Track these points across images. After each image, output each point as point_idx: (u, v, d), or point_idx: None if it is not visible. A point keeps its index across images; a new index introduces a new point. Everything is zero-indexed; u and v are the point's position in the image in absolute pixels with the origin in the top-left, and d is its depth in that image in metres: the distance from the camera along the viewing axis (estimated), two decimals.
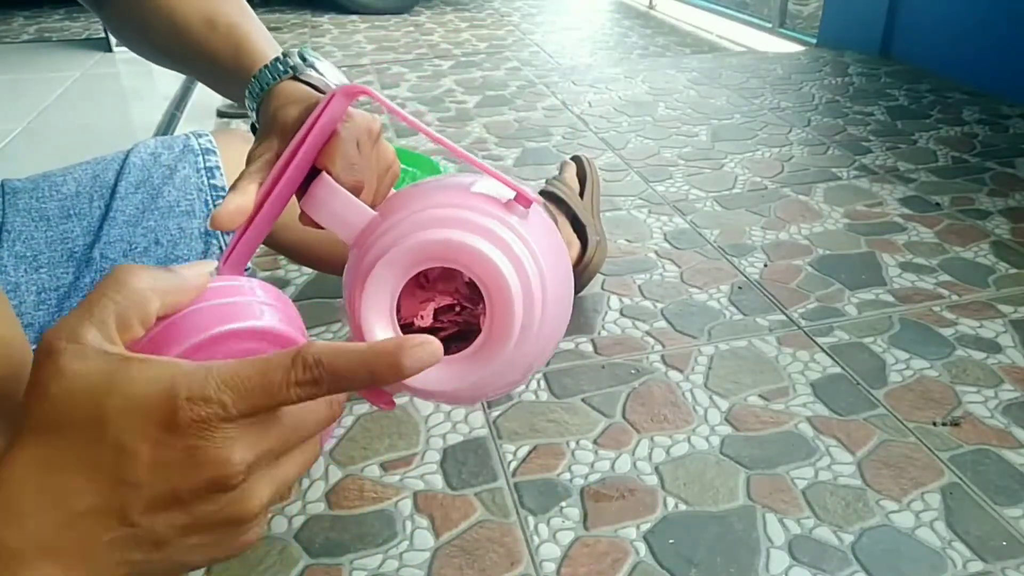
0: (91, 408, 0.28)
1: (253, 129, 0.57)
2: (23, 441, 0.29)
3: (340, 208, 0.42)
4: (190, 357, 0.31)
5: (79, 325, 0.30)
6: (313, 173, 0.43)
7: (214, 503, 0.29)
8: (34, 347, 0.72)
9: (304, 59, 0.53)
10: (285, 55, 0.54)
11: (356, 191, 0.43)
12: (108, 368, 0.28)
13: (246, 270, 0.79)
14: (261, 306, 0.34)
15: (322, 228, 0.43)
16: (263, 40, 0.60)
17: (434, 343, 0.31)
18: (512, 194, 0.42)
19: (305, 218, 0.43)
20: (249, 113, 0.57)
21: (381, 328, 0.40)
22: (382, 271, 0.39)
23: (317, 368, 0.29)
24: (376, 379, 0.30)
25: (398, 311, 0.41)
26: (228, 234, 0.76)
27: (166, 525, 0.29)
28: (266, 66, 0.54)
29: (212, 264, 0.34)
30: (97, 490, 0.28)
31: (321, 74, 0.53)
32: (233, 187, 0.43)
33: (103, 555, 0.29)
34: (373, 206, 0.45)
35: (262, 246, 1.11)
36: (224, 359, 0.29)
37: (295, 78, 0.53)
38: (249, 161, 0.46)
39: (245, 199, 0.42)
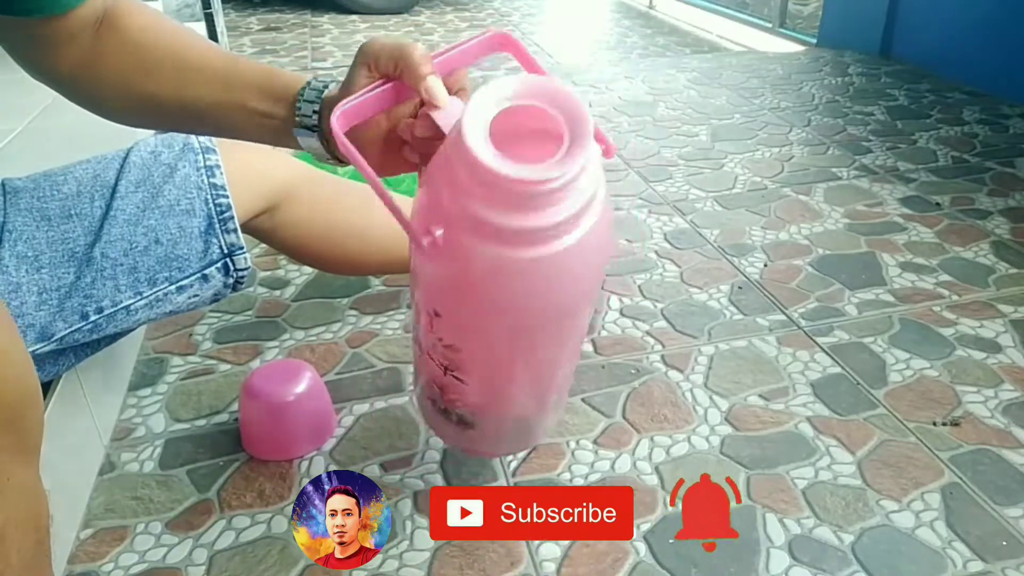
0: None
1: (310, 129, 0.57)
2: None
3: (455, 112, 0.50)
4: None
5: None
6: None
7: None
8: (36, 347, 0.72)
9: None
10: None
11: None
12: None
13: (246, 270, 0.80)
14: None
15: (425, 136, 0.52)
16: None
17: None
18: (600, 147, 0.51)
19: (422, 120, 0.52)
20: (301, 111, 0.57)
21: (478, 140, 0.46)
22: (483, 95, 0.47)
23: None
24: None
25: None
26: (227, 234, 0.76)
27: None
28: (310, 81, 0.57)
29: None
30: None
31: None
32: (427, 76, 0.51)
33: None
34: None
35: (263, 246, 1.11)
36: None
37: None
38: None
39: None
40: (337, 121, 0.50)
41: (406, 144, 0.55)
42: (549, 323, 0.56)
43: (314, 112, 0.56)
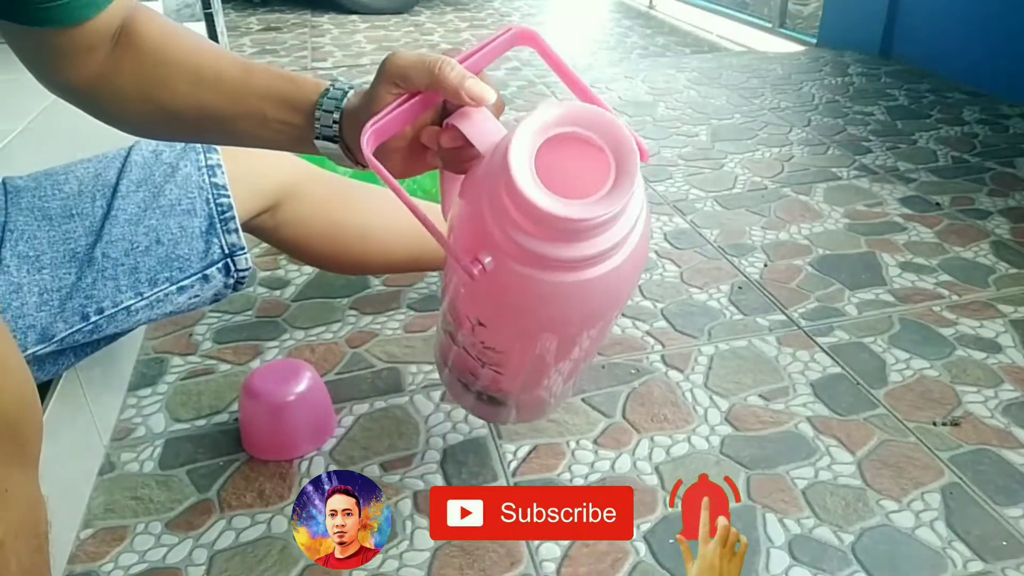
0: None
1: (330, 139, 0.56)
2: None
3: (483, 123, 0.51)
4: None
5: None
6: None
7: None
8: (37, 348, 0.72)
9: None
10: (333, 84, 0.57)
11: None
12: None
13: (247, 270, 0.80)
14: None
15: (452, 146, 0.52)
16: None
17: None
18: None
19: (449, 132, 0.52)
20: (320, 120, 0.56)
21: (525, 176, 0.45)
22: (527, 126, 0.46)
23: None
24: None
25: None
26: (228, 234, 0.76)
27: None
28: (333, 84, 0.56)
29: None
30: None
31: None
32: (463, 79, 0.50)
33: None
34: None
35: (264, 245, 1.11)
36: None
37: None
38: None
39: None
40: (368, 143, 0.50)
41: (429, 149, 0.55)
42: (590, 328, 0.58)
43: (334, 122, 0.55)
